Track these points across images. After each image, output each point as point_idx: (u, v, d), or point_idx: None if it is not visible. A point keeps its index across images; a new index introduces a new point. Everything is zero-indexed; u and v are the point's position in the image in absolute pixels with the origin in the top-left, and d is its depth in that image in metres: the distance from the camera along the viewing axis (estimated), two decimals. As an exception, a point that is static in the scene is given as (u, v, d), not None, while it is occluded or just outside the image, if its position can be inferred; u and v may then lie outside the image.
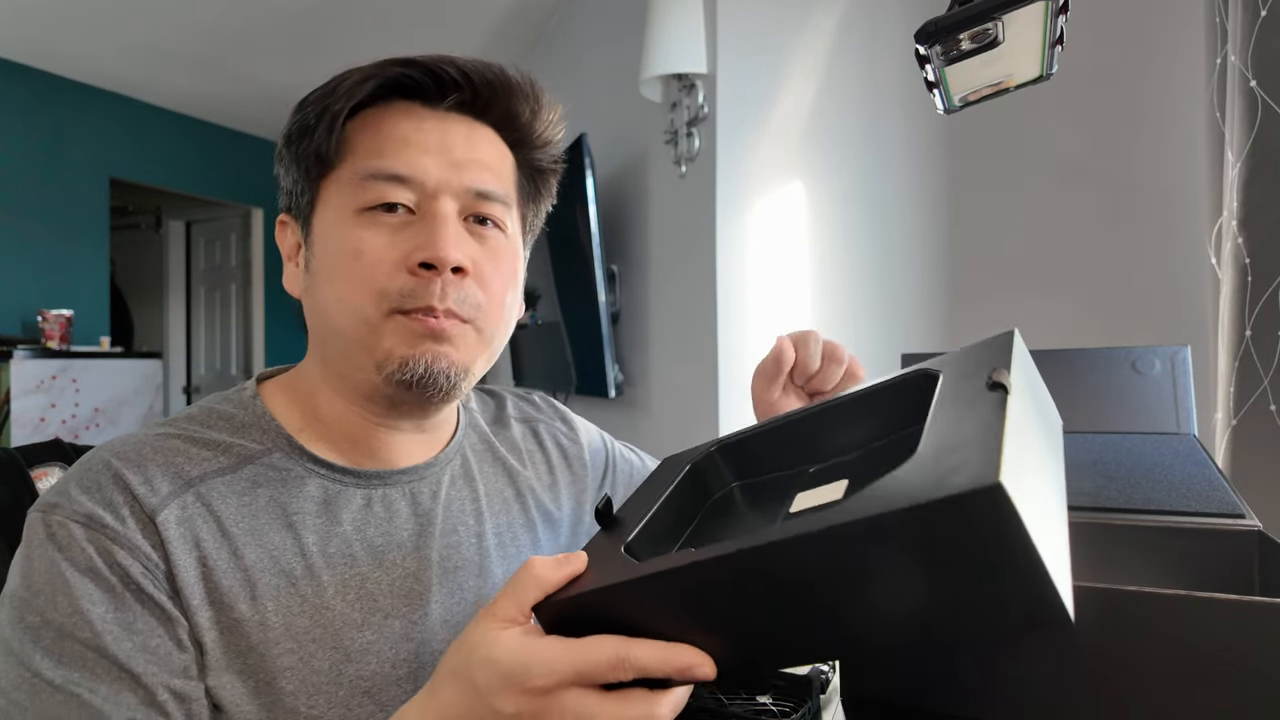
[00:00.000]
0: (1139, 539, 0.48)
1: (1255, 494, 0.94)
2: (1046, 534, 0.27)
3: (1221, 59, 1.07)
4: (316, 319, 0.53)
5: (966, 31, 0.46)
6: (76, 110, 3.58)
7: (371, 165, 0.50)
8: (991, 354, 0.41)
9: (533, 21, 2.97)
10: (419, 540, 0.55)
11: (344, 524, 0.52)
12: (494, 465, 0.64)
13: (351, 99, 0.50)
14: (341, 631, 0.49)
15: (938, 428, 0.34)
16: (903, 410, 0.44)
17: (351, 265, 0.49)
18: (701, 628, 0.34)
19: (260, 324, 4.53)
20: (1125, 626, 0.33)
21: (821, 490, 0.43)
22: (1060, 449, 0.41)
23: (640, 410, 2.14)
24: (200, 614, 0.46)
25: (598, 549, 0.41)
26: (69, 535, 0.44)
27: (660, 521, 0.44)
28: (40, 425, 3.11)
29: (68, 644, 0.42)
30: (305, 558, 0.50)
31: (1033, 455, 0.31)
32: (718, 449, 0.52)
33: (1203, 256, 1.20)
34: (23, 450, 0.61)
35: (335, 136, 0.50)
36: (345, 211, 0.50)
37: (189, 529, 0.47)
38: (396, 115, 0.52)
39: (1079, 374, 0.75)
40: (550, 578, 0.38)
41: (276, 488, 0.51)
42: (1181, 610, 0.32)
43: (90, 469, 0.47)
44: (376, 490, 0.55)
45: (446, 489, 0.59)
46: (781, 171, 1.88)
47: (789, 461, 0.50)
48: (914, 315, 1.99)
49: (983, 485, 0.25)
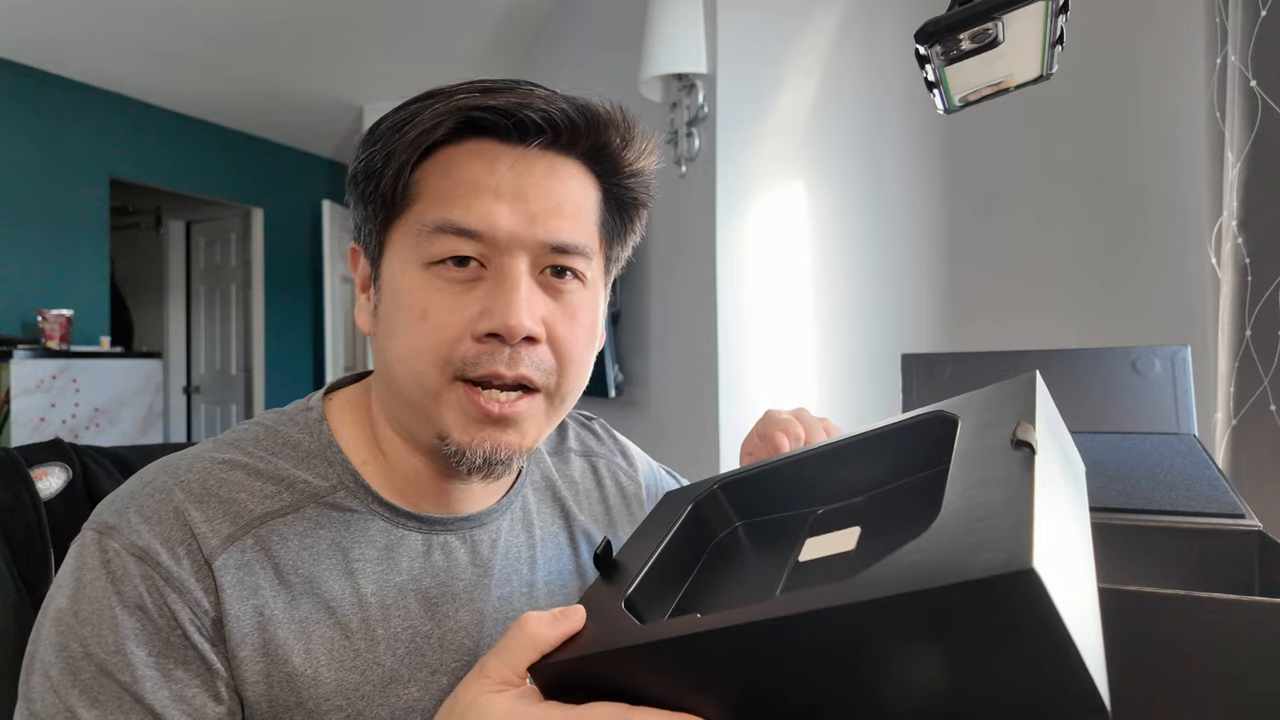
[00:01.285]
0: (1139, 539, 0.48)
1: (1255, 494, 0.94)
2: (1079, 615, 0.26)
3: (1221, 59, 1.07)
4: (383, 367, 0.50)
5: (966, 31, 0.46)
6: (76, 110, 3.58)
7: (439, 217, 0.46)
8: (1013, 400, 0.38)
9: (533, 22, 2.97)
10: (474, 592, 0.53)
11: (403, 572, 0.50)
12: (552, 507, 0.61)
13: (420, 146, 0.46)
14: (389, 688, 0.48)
15: (960, 489, 0.32)
16: (917, 454, 0.43)
17: (416, 326, 0.46)
18: (706, 697, 0.32)
19: (260, 324, 4.53)
20: (1125, 626, 0.33)
21: (832, 537, 0.41)
22: (1084, 501, 0.39)
23: (640, 410, 2.14)
24: (250, 665, 0.44)
25: (596, 601, 0.40)
26: (124, 568, 0.43)
27: (662, 566, 0.43)
28: (40, 425, 3.11)
29: (106, 683, 0.41)
30: (362, 609, 0.48)
31: (1062, 521, 0.30)
32: (721, 486, 0.50)
33: (1203, 256, 1.20)
34: (23, 450, 0.61)
35: (402, 184, 0.47)
36: (412, 264, 0.47)
37: (248, 575, 0.45)
38: (470, 155, 0.47)
39: (1079, 374, 0.75)
40: (546, 636, 0.36)
41: (339, 530, 0.49)
42: (1181, 610, 0.32)
43: (153, 494, 0.46)
44: (437, 536, 0.53)
45: (505, 536, 0.56)
46: (781, 171, 1.88)
47: (796, 501, 0.48)
48: (914, 315, 1.99)
49: (1014, 570, 0.24)
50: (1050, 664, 0.25)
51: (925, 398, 0.87)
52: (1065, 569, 0.26)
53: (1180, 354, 0.72)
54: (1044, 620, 0.24)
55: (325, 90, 3.68)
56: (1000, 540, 0.26)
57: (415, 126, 0.46)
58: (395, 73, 3.46)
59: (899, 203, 2.00)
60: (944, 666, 0.27)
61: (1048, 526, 0.26)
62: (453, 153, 0.47)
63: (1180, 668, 0.32)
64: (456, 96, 0.47)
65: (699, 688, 0.32)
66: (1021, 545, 0.25)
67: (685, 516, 0.47)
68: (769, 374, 1.86)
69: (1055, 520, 0.28)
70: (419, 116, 0.46)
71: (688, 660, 0.32)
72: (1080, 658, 0.24)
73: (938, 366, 0.87)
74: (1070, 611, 0.24)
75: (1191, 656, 0.32)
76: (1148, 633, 0.33)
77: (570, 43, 2.75)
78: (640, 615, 0.38)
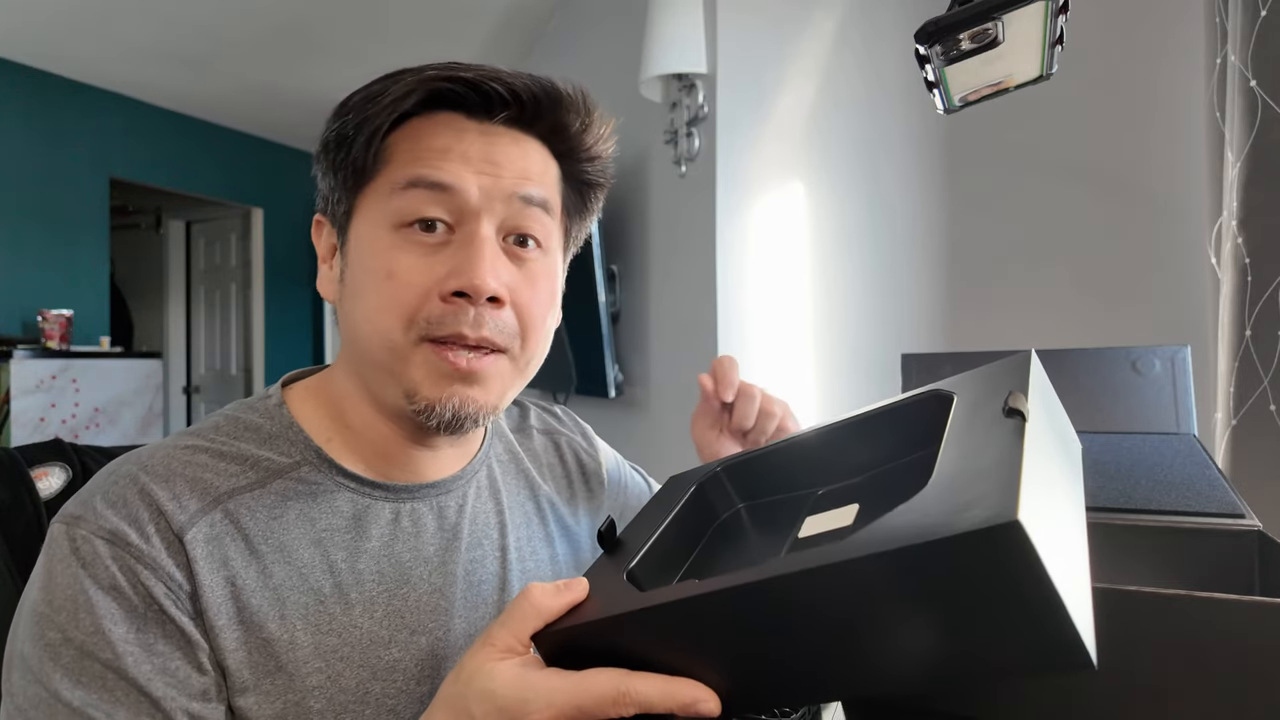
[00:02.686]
0: (1139, 539, 0.48)
1: (1255, 494, 0.94)
2: (1066, 572, 0.26)
3: (1221, 59, 1.07)
4: (348, 331, 0.52)
5: (966, 31, 0.46)
6: (76, 110, 3.58)
7: (410, 172, 0.48)
8: (1008, 376, 0.39)
9: (533, 21, 2.97)
10: (445, 556, 0.54)
11: (372, 540, 0.51)
12: (517, 477, 0.63)
13: (393, 113, 0.48)
14: (369, 650, 0.49)
15: (952, 455, 0.33)
16: (915, 432, 0.43)
17: (382, 286, 0.48)
18: (705, 661, 0.33)
19: (260, 324, 4.53)
20: (1125, 626, 0.33)
21: (831, 515, 0.42)
22: (1079, 477, 0.39)
23: (640, 410, 2.14)
24: (227, 634, 0.45)
25: (600, 575, 0.40)
26: (93, 551, 0.43)
27: (664, 545, 0.43)
28: (40, 425, 3.11)
29: (88, 664, 0.41)
30: (334, 575, 0.49)
31: (1051, 487, 0.30)
32: (724, 468, 0.51)
33: (1203, 256, 1.20)
34: (23, 450, 0.61)
35: (374, 150, 0.49)
36: (381, 227, 0.49)
37: (217, 548, 0.46)
38: (438, 126, 0.50)
39: (1079, 374, 0.75)
40: (549, 606, 0.37)
41: (306, 503, 0.50)
42: (1181, 610, 0.32)
43: (117, 482, 0.46)
44: (405, 504, 0.54)
45: (472, 502, 0.58)
46: (781, 171, 1.88)
47: (797, 483, 0.49)
48: (914, 315, 1.99)
49: (1000, 522, 0.24)
50: (1037, 617, 0.25)
51: (925, 398, 0.87)
52: (1052, 526, 0.27)
53: (1180, 354, 0.72)
54: (1030, 572, 0.24)
55: (326, 90, 3.67)
56: (988, 497, 0.26)
57: (387, 95, 0.48)
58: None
59: (899, 202, 2.00)
60: (935, 621, 0.27)
61: (1036, 487, 0.27)
62: (422, 122, 0.50)
63: (1180, 668, 0.32)
64: (427, 71, 0.49)
65: (698, 651, 0.33)
66: (1008, 500, 0.25)
67: (688, 498, 0.48)
68: (769, 374, 1.85)
69: (1044, 483, 0.29)
70: (389, 89, 0.48)
71: (686, 625, 0.33)
72: (1066, 610, 0.25)
73: (937, 366, 0.87)
74: (1056, 565, 0.25)
75: (1192, 656, 0.32)
76: (1148, 633, 0.33)
77: (570, 43, 2.75)
78: (642, 588, 0.39)
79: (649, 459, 1.00)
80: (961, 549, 0.25)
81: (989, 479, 0.28)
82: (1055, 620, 0.25)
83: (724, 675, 0.33)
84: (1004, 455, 0.29)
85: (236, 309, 4.68)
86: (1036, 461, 0.29)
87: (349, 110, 0.50)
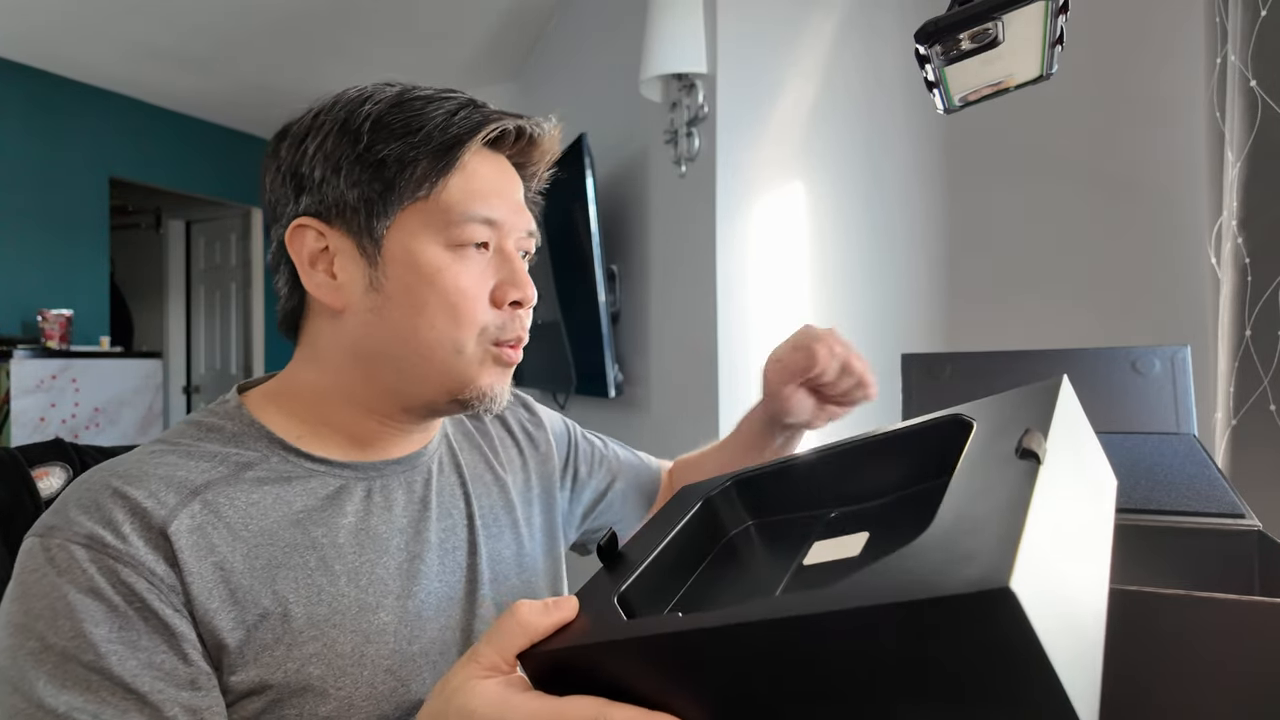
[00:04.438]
0: (1139, 539, 0.48)
1: (1255, 494, 0.94)
2: (1067, 643, 0.24)
3: (1221, 59, 1.07)
4: (378, 340, 0.54)
5: (966, 31, 0.46)
6: (76, 110, 3.58)
7: (472, 210, 0.54)
8: (1032, 406, 0.37)
9: (533, 21, 2.97)
10: (418, 525, 0.58)
11: (348, 515, 0.54)
12: (473, 451, 0.68)
13: (467, 150, 0.53)
14: (359, 616, 0.51)
15: (958, 496, 0.31)
16: (933, 458, 0.42)
17: (451, 298, 0.53)
18: (685, 697, 0.32)
19: (260, 324, 4.53)
20: (1125, 626, 0.33)
21: (840, 542, 0.41)
22: (1109, 522, 0.37)
23: (640, 410, 2.14)
24: (223, 616, 0.46)
25: (592, 594, 0.40)
26: (69, 557, 0.43)
27: (665, 562, 0.43)
28: (40, 425, 3.11)
29: (70, 667, 0.41)
30: (317, 550, 0.51)
31: (1063, 540, 0.28)
32: (735, 483, 0.50)
33: (1203, 256, 1.20)
34: (23, 450, 0.61)
35: (437, 179, 0.53)
36: (435, 244, 0.53)
37: (202, 537, 0.47)
38: (481, 158, 0.56)
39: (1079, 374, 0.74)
40: (537, 625, 0.37)
41: (280, 487, 0.52)
42: (1181, 610, 0.32)
43: (88, 489, 0.46)
44: (375, 481, 0.57)
45: (436, 475, 0.62)
46: (781, 171, 1.88)
47: (810, 502, 0.48)
48: (914, 315, 1.99)
49: (989, 587, 0.23)
50: (1028, 686, 0.24)
51: (924, 398, 0.87)
52: (1055, 588, 0.25)
53: (1180, 354, 0.72)
54: (1020, 641, 0.23)
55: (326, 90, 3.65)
56: (981, 555, 0.25)
57: (457, 126, 0.53)
58: (396, 73, 3.45)
59: (899, 203, 2.01)
60: (919, 680, 0.26)
61: (1041, 544, 0.25)
62: (470, 158, 0.55)
63: (1180, 668, 0.32)
64: (483, 108, 0.56)
65: (678, 687, 0.32)
66: (1002, 562, 0.23)
67: (695, 512, 0.47)
68: (769, 374, 1.85)
69: (1052, 536, 0.27)
70: (456, 119, 0.54)
71: (666, 659, 0.32)
72: (1059, 683, 0.23)
73: (937, 366, 0.87)
74: (1054, 635, 0.23)
75: (1191, 656, 0.32)
76: (1148, 633, 0.33)
77: (570, 43, 2.74)
78: (637, 610, 0.38)
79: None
80: (949, 611, 0.24)
81: (988, 531, 0.26)
82: (1047, 691, 0.23)
83: (704, 712, 0.32)
84: (1010, 503, 0.27)
85: (236, 309, 4.67)
86: (1047, 511, 0.27)
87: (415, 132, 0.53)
